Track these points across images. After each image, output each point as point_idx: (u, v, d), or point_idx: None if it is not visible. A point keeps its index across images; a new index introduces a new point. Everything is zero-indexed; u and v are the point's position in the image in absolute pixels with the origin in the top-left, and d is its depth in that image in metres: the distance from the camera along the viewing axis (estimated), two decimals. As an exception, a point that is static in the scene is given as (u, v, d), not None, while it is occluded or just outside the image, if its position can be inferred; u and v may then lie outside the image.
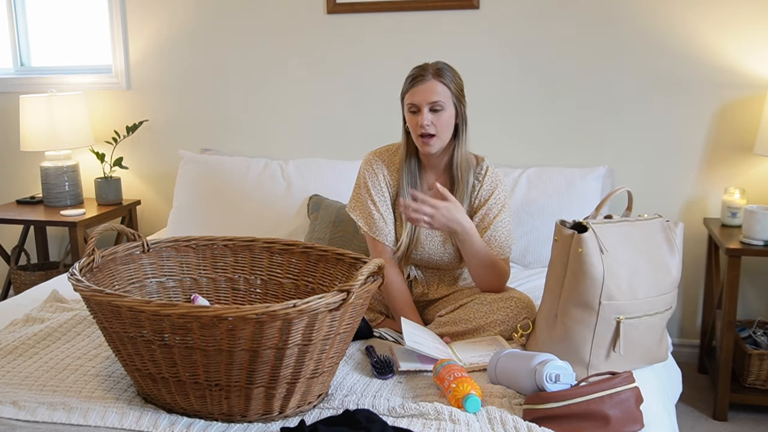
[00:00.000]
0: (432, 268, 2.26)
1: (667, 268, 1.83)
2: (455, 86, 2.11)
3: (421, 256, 2.21)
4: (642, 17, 2.93)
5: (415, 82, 2.09)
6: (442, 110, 2.08)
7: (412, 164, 2.20)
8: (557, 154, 3.08)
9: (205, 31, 3.37)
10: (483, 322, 2.05)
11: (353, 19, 3.20)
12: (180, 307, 1.46)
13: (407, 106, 2.11)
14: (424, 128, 2.07)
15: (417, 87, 2.08)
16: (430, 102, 2.07)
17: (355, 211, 2.26)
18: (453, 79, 2.12)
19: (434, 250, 2.20)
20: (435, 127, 2.08)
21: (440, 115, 2.08)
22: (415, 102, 2.08)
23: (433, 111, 2.07)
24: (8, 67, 3.72)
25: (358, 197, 2.26)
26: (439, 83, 2.08)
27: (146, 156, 3.55)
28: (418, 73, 2.10)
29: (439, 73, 2.09)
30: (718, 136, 2.95)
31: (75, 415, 1.57)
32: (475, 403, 1.58)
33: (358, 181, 2.28)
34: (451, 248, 2.19)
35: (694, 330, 3.13)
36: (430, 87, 2.07)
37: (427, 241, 2.19)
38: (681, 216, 3.02)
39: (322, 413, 1.62)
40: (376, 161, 2.24)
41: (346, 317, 1.58)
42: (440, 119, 2.08)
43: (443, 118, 2.09)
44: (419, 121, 2.08)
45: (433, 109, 2.07)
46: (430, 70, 2.10)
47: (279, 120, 3.36)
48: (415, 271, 2.26)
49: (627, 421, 1.55)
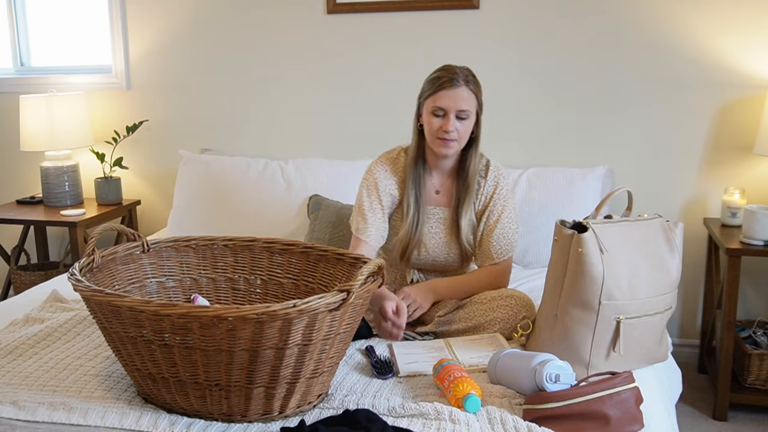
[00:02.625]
0: (436, 271, 2.26)
1: (667, 268, 1.83)
2: (480, 95, 2.11)
3: (425, 259, 2.21)
4: (642, 17, 2.93)
5: (444, 85, 2.06)
6: (467, 118, 2.07)
7: (419, 167, 2.19)
8: (557, 154, 3.08)
9: (205, 31, 3.37)
10: (483, 320, 2.05)
11: (353, 19, 3.20)
12: (180, 307, 1.46)
13: (432, 108, 2.07)
14: (449, 134, 2.06)
15: (447, 91, 2.05)
16: (460, 109, 2.05)
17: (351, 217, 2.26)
18: (478, 87, 2.11)
19: (438, 252, 2.20)
20: (458, 133, 2.07)
21: (464, 122, 2.07)
22: (442, 106, 2.05)
23: (459, 118, 2.06)
24: (8, 67, 3.73)
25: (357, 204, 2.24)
26: (468, 90, 2.06)
27: (146, 156, 3.55)
28: (449, 76, 2.06)
29: (469, 80, 2.07)
30: (718, 136, 2.95)
31: (75, 415, 1.57)
32: (475, 403, 1.58)
33: (359, 189, 2.25)
34: (455, 249, 2.19)
35: (694, 330, 3.13)
36: (461, 94, 2.05)
37: (431, 244, 2.19)
38: (681, 216, 3.02)
39: (322, 413, 1.62)
40: (379, 170, 2.21)
41: (346, 317, 1.58)
42: (464, 126, 2.08)
43: (466, 126, 2.08)
44: (443, 125, 2.06)
45: (459, 116, 2.06)
46: (461, 75, 2.06)
47: (279, 120, 3.36)
48: (418, 275, 2.26)
49: (627, 421, 1.54)
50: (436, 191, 2.21)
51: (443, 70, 2.09)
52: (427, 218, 2.19)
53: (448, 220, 2.19)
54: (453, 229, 2.18)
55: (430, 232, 2.19)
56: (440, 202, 2.22)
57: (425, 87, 2.12)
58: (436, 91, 2.06)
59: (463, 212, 2.16)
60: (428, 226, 2.19)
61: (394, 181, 2.21)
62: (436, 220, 2.20)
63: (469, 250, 2.20)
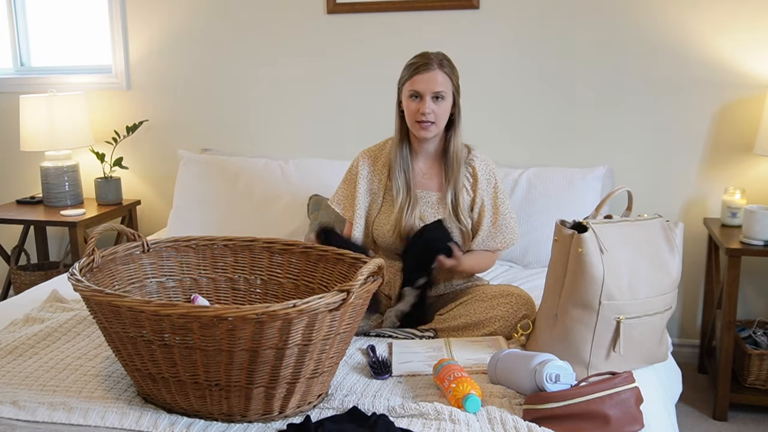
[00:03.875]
0: None
1: (667, 268, 1.83)
2: (455, 78, 2.19)
3: None
4: (642, 17, 2.93)
5: (419, 69, 2.15)
6: (443, 100, 2.15)
7: (404, 149, 2.26)
8: (557, 154, 3.08)
9: (205, 31, 3.37)
10: (482, 317, 2.07)
11: (353, 19, 3.20)
12: (180, 307, 1.46)
13: (409, 92, 2.16)
14: (426, 116, 2.13)
15: (421, 75, 2.14)
16: (434, 91, 2.13)
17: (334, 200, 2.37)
18: (453, 70, 2.19)
19: None
20: (435, 115, 2.15)
21: (441, 104, 2.15)
22: (418, 90, 2.14)
23: (434, 99, 2.14)
24: (8, 67, 3.72)
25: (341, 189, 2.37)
26: (442, 73, 2.15)
27: (146, 156, 3.55)
28: (422, 61, 2.16)
29: (443, 63, 2.17)
30: (718, 136, 2.95)
31: (75, 415, 1.57)
32: (475, 403, 1.58)
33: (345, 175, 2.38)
34: (455, 230, 2.20)
35: (694, 330, 3.13)
36: (435, 76, 2.14)
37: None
38: (681, 216, 3.02)
39: (322, 413, 1.62)
40: (362, 158, 2.34)
41: (346, 317, 1.58)
42: (440, 108, 2.15)
43: (443, 107, 2.16)
44: (420, 108, 2.14)
45: (435, 97, 2.14)
46: (434, 59, 2.16)
47: (279, 120, 3.36)
48: None
49: (627, 421, 1.55)
50: (423, 175, 2.27)
51: (418, 56, 2.19)
52: (420, 202, 2.23)
53: (442, 203, 2.24)
54: (448, 210, 2.22)
55: (428, 216, 2.22)
56: (430, 186, 2.27)
57: (402, 73, 2.22)
58: (412, 75, 2.16)
59: (455, 193, 2.22)
60: (425, 211, 2.22)
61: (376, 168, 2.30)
62: (431, 204, 2.24)
63: (467, 231, 2.23)
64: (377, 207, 2.28)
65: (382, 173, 2.29)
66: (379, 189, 2.28)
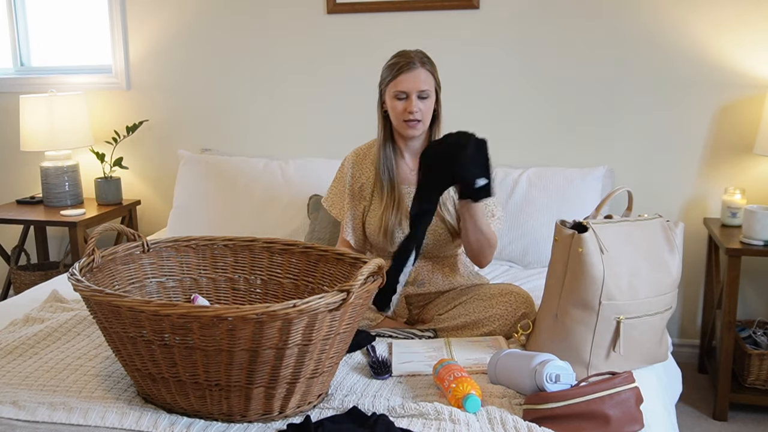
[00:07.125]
0: (428, 258, 2.25)
1: (667, 268, 1.83)
2: (436, 74, 2.20)
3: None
4: (642, 17, 2.93)
5: (402, 69, 2.15)
6: (428, 97, 2.16)
7: (388, 149, 2.26)
8: (557, 154, 3.08)
9: (205, 31, 3.37)
10: (482, 315, 2.07)
11: (353, 19, 3.20)
12: (180, 307, 1.46)
13: (394, 92, 2.16)
14: (413, 115, 2.13)
15: (405, 75, 2.14)
16: (420, 90, 2.14)
17: (326, 202, 2.37)
18: (434, 67, 2.20)
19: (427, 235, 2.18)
20: (421, 113, 2.16)
21: (426, 102, 2.16)
22: (404, 89, 2.14)
23: (420, 98, 2.14)
24: (8, 67, 3.72)
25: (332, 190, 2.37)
26: (425, 71, 2.16)
27: (146, 156, 3.55)
28: (405, 60, 2.16)
29: (424, 61, 2.18)
30: (718, 136, 2.95)
31: (75, 415, 1.57)
32: (475, 403, 1.58)
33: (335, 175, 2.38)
34: (441, 225, 2.19)
35: (694, 330, 3.13)
36: (419, 75, 2.14)
37: None
38: (681, 216, 3.02)
39: (322, 413, 1.62)
40: (351, 158, 2.34)
41: (346, 317, 1.58)
42: (426, 106, 2.16)
43: (428, 105, 2.17)
44: (407, 107, 2.14)
45: (420, 96, 2.14)
46: (416, 58, 2.16)
47: (279, 120, 3.36)
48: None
49: (627, 421, 1.55)
50: (411, 171, 2.26)
51: (399, 56, 2.19)
52: (408, 197, 2.21)
53: None
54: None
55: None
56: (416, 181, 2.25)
57: (384, 74, 2.21)
58: (396, 75, 2.16)
59: None
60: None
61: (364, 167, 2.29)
62: None
63: (454, 225, 2.20)
64: (367, 206, 2.27)
65: (371, 172, 2.28)
66: (367, 188, 2.28)
